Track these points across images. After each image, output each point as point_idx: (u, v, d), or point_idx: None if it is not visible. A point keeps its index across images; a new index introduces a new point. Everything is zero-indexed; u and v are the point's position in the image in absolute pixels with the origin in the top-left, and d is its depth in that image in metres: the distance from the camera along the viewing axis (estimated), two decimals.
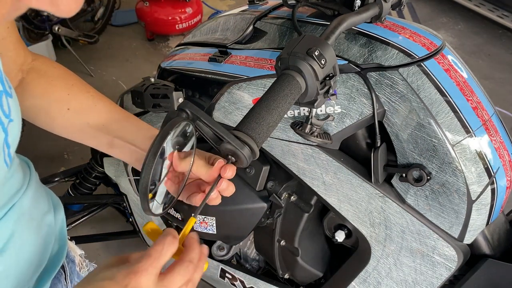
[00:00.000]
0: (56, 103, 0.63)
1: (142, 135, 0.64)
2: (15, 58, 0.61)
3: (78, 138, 0.66)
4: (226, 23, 1.11)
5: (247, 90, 0.94)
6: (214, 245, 1.27)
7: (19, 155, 0.61)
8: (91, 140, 0.65)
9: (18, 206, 0.54)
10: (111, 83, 2.76)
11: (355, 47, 0.87)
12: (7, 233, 0.52)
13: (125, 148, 0.63)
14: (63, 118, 0.63)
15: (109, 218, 1.88)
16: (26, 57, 0.64)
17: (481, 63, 2.93)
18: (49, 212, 0.64)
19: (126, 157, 0.65)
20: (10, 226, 0.53)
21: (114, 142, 0.64)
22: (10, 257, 0.53)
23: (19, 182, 0.56)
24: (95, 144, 0.66)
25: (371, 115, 0.84)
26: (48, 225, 0.63)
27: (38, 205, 0.61)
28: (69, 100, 0.64)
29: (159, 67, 1.19)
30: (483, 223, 0.87)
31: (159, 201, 0.57)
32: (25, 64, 0.64)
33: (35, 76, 0.63)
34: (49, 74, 0.65)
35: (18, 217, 0.54)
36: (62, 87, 0.64)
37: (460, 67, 0.88)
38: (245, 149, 0.54)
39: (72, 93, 0.64)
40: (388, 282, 0.98)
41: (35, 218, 0.59)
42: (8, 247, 0.52)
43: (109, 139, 0.64)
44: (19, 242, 0.54)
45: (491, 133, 0.85)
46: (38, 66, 0.65)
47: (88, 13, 3.05)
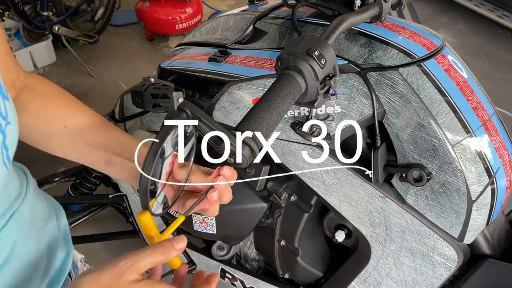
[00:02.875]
0: (53, 120, 0.63)
1: (140, 152, 0.64)
2: (7, 72, 0.60)
3: (75, 157, 0.65)
4: (226, 23, 1.11)
5: (247, 90, 0.94)
6: (214, 245, 1.27)
7: (15, 162, 0.60)
8: (89, 158, 0.65)
9: (19, 214, 0.54)
10: (111, 83, 2.76)
11: (355, 47, 0.87)
12: (11, 241, 0.52)
13: (123, 164, 0.63)
14: (60, 136, 0.63)
15: (109, 218, 1.88)
16: (18, 73, 0.63)
17: (481, 63, 2.93)
18: (51, 218, 0.64)
19: (123, 174, 0.64)
20: (13, 234, 0.52)
21: (112, 159, 0.64)
22: (16, 265, 0.53)
23: (16, 189, 0.55)
24: (92, 162, 0.65)
25: (371, 115, 0.84)
26: (51, 231, 0.62)
27: (39, 211, 0.61)
28: (66, 118, 0.63)
29: (159, 67, 1.19)
30: (483, 223, 0.87)
31: (159, 201, 0.57)
32: (17, 81, 0.63)
33: (30, 93, 0.63)
34: (45, 92, 0.64)
35: (19, 225, 0.54)
36: (59, 105, 0.64)
37: (460, 67, 0.88)
38: (245, 149, 0.54)
39: (69, 111, 0.64)
40: (388, 282, 0.98)
41: (36, 226, 0.58)
42: (13, 255, 0.52)
43: (107, 156, 0.64)
44: (23, 250, 0.54)
45: (491, 133, 0.85)
46: (32, 84, 0.64)
47: (88, 13, 3.05)
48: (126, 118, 1.42)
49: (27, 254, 0.55)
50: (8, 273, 0.51)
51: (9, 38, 2.66)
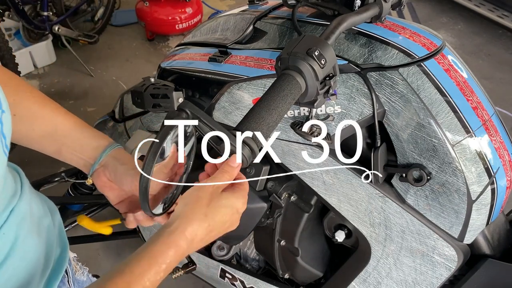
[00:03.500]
0: None
1: (88, 144, 0.65)
2: None
3: (26, 144, 0.65)
4: (226, 23, 1.11)
5: (247, 90, 0.94)
6: (214, 245, 1.27)
7: (8, 162, 0.60)
8: (38, 147, 0.65)
9: (17, 211, 0.54)
10: (111, 83, 2.76)
11: (355, 47, 0.87)
12: (12, 237, 0.53)
13: (72, 156, 0.65)
14: None
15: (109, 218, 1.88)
16: None
17: (481, 63, 2.93)
18: (46, 216, 0.64)
19: (74, 163, 0.66)
20: (14, 230, 0.53)
21: (62, 150, 0.64)
22: (17, 260, 0.53)
23: (12, 186, 0.56)
24: (43, 150, 0.65)
25: (371, 115, 0.84)
26: (47, 229, 0.63)
27: (35, 209, 0.61)
28: (15, 106, 0.62)
29: (159, 67, 1.19)
30: (483, 223, 0.87)
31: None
32: None
33: None
34: None
35: (19, 221, 0.54)
36: (8, 92, 0.62)
37: (460, 67, 0.88)
38: (245, 149, 0.54)
39: (18, 99, 0.63)
40: (388, 282, 0.98)
41: (34, 222, 0.59)
42: (15, 250, 0.52)
43: (56, 147, 0.64)
44: (24, 246, 0.54)
45: (491, 133, 0.85)
46: None
47: (88, 13, 3.05)
48: (126, 118, 1.42)
49: (27, 250, 0.55)
50: (10, 268, 0.52)
51: (9, 38, 2.66)
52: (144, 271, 0.47)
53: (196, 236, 0.51)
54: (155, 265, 0.48)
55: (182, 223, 0.50)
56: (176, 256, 0.49)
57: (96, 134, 0.67)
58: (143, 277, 0.47)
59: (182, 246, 0.49)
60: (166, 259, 0.48)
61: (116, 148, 0.67)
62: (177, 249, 0.49)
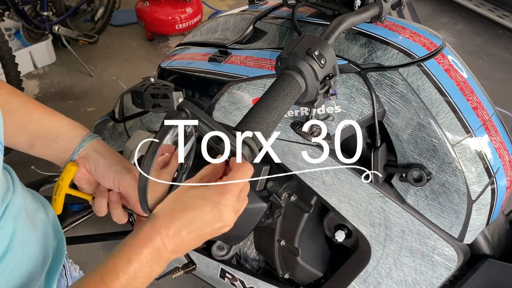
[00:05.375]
0: None
1: (64, 133, 0.63)
2: None
3: None
4: (226, 23, 1.11)
5: (247, 90, 0.94)
6: (214, 245, 1.27)
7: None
8: (10, 140, 0.63)
9: (12, 205, 0.54)
10: (111, 83, 2.76)
11: (355, 47, 0.87)
12: (10, 230, 0.53)
13: (47, 146, 0.63)
14: None
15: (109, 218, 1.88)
16: None
17: (481, 63, 2.93)
18: (39, 210, 0.64)
19: (47, 155, 0.64)
20: (10, 224, 0.53)
21: (35, 142, 0.62)
22: (17, 253, 0.53)
23: (4, 183, 0.56)
24: (15, 145, 0.63)
25: (371, 115, 0.84)
26: (42, 222, 0.63)
27: (28, 204, 0.61)
28: None
29: (159, 67, 1.19)
30: (483, 223, 0.87)
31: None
32: None
33: None
34: None
35: (15, 215, 0.54)
36: None
37: (460, 67, 0.88)
38: (245, 149, 0.54)
39: None
40: (388, 282, 0.98)
41: (30, 216, 0.59)
42: (14, 243, 0.53)
43: (28, 138, 0.62)
44: (22, 239, 0.55)
45: (491, 133, 0.85)
46: None
47: (88, 13, 3.05)
48: (126, 118, 1.42)
49: (26, 243, 0.56)
50: (11, 262, 0.52)
51: (9, 38, 2.66)
52: (116, 263, 0.50)
53: (169, 230, 0.50)
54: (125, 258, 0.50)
55: (149, 219, 0.52)
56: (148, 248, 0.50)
57: (72, 122, 0.65)
58: (116, 268, 0.49)
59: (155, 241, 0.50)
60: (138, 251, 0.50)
61: (95, 139, 0.65)
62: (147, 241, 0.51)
